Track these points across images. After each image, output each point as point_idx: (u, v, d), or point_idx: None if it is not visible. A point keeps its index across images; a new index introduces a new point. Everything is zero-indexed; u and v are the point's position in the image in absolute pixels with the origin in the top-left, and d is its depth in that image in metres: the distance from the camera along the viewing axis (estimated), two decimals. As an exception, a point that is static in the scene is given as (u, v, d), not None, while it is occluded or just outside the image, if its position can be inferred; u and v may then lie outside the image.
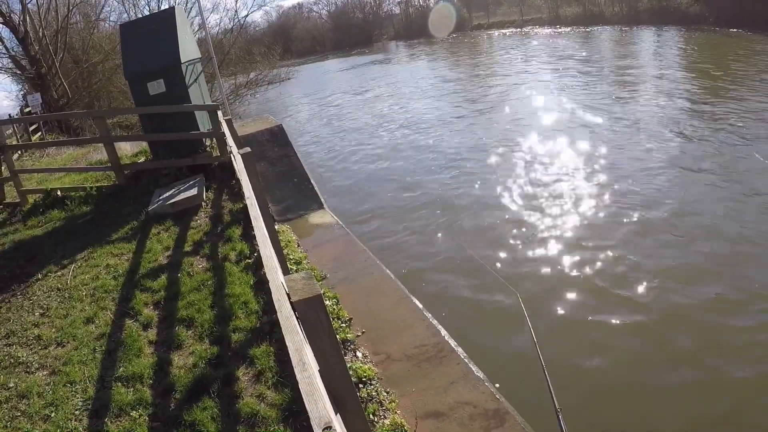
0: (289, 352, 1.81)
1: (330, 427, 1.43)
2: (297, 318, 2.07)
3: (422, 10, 69.68)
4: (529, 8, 55.65)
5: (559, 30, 43.47)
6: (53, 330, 4.65)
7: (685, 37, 29.42)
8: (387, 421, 4.05)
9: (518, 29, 50.31)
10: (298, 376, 1.66)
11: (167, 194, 7.66)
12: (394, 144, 15.71)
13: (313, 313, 1.97)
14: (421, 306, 5.78)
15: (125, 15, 29.47)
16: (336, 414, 2.12)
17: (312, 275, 2.08)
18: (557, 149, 12.31)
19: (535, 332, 5.13)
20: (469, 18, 62.12)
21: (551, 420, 4.08)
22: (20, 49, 23.12)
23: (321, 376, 2.11)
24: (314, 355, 2.13)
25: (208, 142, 9.11)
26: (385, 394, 4.41)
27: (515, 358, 5.40)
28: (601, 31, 38.44)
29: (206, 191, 7.83)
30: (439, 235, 8.85)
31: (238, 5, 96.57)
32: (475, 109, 18.54)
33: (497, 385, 4.48)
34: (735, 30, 27.87)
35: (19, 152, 14.28)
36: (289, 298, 2.04)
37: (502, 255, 7.81)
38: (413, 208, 10.21)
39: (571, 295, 6.52)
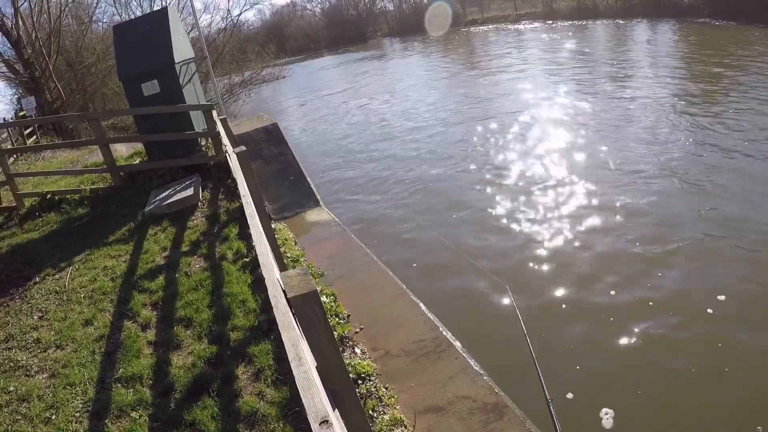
0: (286, 347, 1.82)
1: (327, 421, 1.44)
2: (293, 314, 2.08)
3: (416, 7, 69.45)
4: (523, 3, 55.51)
5: (554, 24, 43.45)
6: (52, 333, 4.65)
7: (679, 30, 29.46)
8: (386, 417, 4.07)
9: (513, 24, 50.24)
10: (295, 372, 1.68)
11: (163, 195, 7.66)
12: (389, 138, 15.76)
13: (309, 309, 1.98)
14: (418, 301, 5.80)
15: (117, 16, 29.46)
16: (334, 410, 2.14)
17: (308, 271, 2.09)
18: (551, 143, 12.35)
19: (526, 324, 5.15)
20: (464, 13, 62.00)
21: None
22: (13, 53, 23.04)
23: (319, 372, 2.12)
24: (311, 351, 2.14)
25: (203, 142, 9.10)
26: (384, 389, 4.43)
27: (511, 351, 5.43)
28: (596, 25, 38.44)
29: (202, 191, 7.83)
30: (428, 229, 8.93)
31: (230, 4, 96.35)
32: (468, 102, 18.54)
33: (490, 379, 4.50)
34: (730, 22, 27.91)
35: (15, 156, 14.25)
36: (285, 295, 2.05)
37: (491, 248, 7.87)
38: (404, 203, 10.31)
39: (562, 286, 6.58)
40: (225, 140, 7.80)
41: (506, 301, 6.24)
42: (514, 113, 15.79)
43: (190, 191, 7.54)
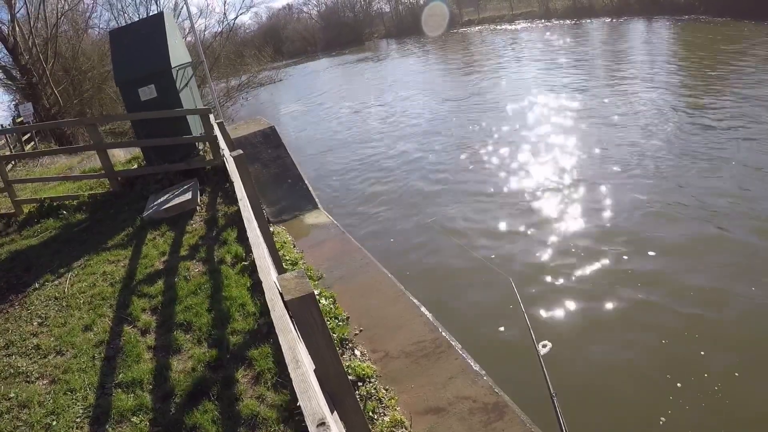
0: (283, 351, 1.83)
1: (324, 423, 1.45)
2: (290, 317, 2.09)
3: (413, 8, 69.50)
4: (519, 2, 55.64)
5: (549, 23, 43.54)
6: (52, 339, 4.66)
7: (675, 27, 29.56)
8: (387, 419, 4.07)
9: (509, 24, 50.32)
10: (292, 375, 1.69)
11: (162, 199, 7.67)
12: (386, 138, 15.79)
13: (306, 312, 1.99)
14: (418, 302, 5.80)
15: (113, 22, 29.45)
16: (333, 412, 2.15)
17: (304, 274, 2.10)
18: (544, 138, 12.40)
19: (529, 316, 5.17)
20: (460, 14, 62.06)
21: (551, 409, 4.12)
22: (10, 59, 23.01)
23: (317, 374, 2.13)
24: (310, 354, 2.15)
25: (201, 146, 9.11)
26: (384, 391, 4.43)
27: (513, 346, 5.44)
28: (592, 24, 38.53)
29: (200, 195, 7.83)
30: (428, 223, 8.97)
31: (226, 8, 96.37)
32: (464, 102, 18.57)
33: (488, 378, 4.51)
34: (724, 18, 28.03)
35: (13, 162, 14.26)
36: (282, 298, 2.06)
37: (493, 242, 7.91)
38: (404, 200, 10.38)
39: (565, 278, 6.61)
40: (222, 144, 7.81)
41: (508, 293, 6.24)
42: (511, 111, 15.87)
43: (188, 195, 7.55)
